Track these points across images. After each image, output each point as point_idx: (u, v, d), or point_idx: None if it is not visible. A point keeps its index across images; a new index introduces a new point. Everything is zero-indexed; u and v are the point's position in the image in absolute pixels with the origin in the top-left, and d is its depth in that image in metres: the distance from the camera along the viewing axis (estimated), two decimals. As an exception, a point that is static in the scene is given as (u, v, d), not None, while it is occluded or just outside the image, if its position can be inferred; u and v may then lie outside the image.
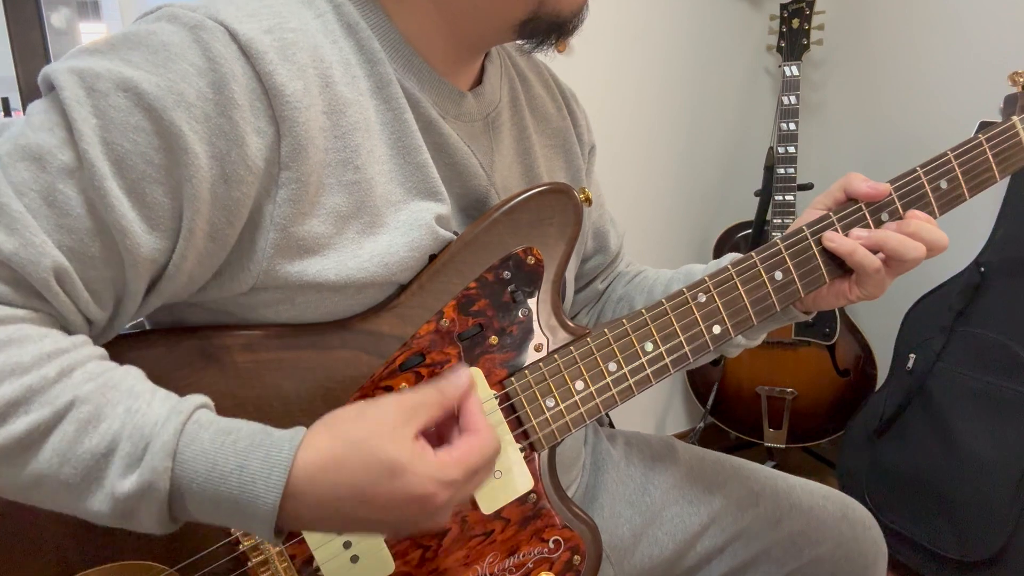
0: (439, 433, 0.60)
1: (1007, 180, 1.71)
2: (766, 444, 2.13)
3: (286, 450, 0.54)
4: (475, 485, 0.59)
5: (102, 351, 0.59)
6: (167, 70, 0.57)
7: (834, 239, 0.79)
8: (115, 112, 0.56)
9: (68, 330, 0.59)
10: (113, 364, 0.58)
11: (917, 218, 0.79)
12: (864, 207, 0.80)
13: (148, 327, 0.72)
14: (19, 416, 0.52)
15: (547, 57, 0.88)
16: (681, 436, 2.40)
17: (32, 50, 1.59)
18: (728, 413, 2.18)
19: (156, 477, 0.53)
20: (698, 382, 2.23)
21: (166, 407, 0.55)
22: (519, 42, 0.75)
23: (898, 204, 0.81)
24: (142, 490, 0.53)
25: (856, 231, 0.79)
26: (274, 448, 0.54)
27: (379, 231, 0.67)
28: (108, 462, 0.53)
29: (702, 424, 2.18)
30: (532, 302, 0.74)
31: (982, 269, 1.69)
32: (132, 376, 0.57)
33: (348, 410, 0.58)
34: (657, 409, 2.40)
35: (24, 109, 1.62)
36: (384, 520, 0.56)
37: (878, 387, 1.89)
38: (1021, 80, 0.87)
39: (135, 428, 0.53)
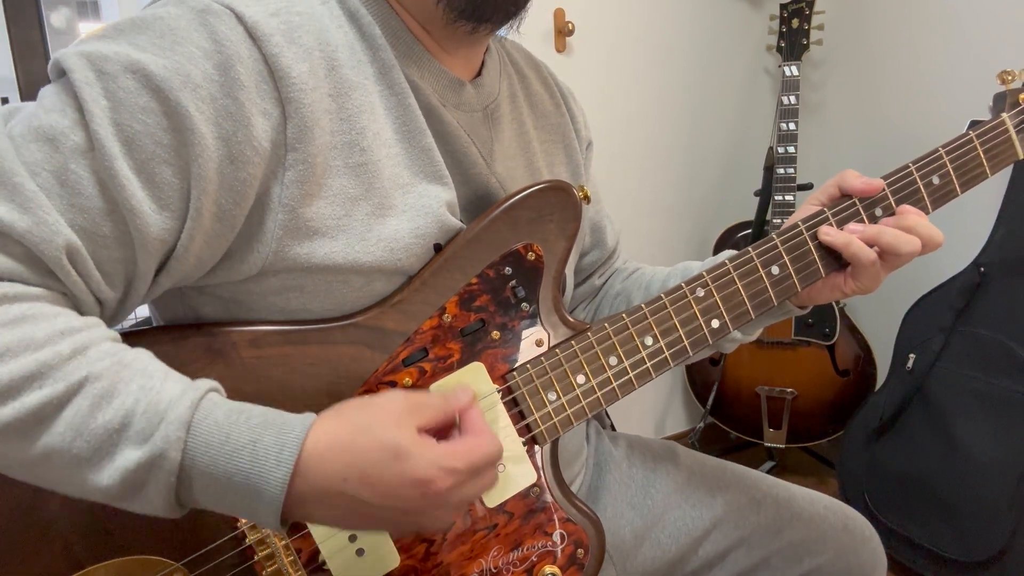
0: (440, 437, 0.61)
1: (1007, 181, 1.72)
2: (766, 444, 2.13)
3: (298, 429, 0.55)
4: (478, 487, 0.59)
5: (114, 333, 0.60)
6: (174, 52, 0.58)
7: (830, 233, 0.79)
8: (124, 94, 0.57)
9: (80, 311, 0.60)
10: (125, 345, 0.58)
11: (911, 213, 0.80)
12: (858, 202, 0.81)
13: (160, 319, 0.73)
14: (33, 390, 0.53)
15: (547, 57, 0.88)
16: (681, 436, 2.41)
17: (32, 50, 1.59)
18: (728, 413, 2.19)
19: (168, 446, 0.53)
20: (698, 382, 2.23)
21: (180, 386, 0.56)
22: (449, 19, 0.71)
23: (891, 200, 0.82)
24: (153, 459, 0.53)
25: (851, 225, 0.80)
26: (286, 426, 0.55)
27: (387, 214, 0.67)
28: (121, 437, 0.54)
29: (702, 424, 2.19)
30: (533, 298, 0.74)
31: (982, 269, 1.69)
32: (145, 356, 0.58)
33: (353, 400, 0.59)
34: (657, 409, 2.41)
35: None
36: (386, 507, 0.56)
37: (878, 387, 1.89)
38: (1010, 79, 0.88)
39: (149, 404, 0.54)
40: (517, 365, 0.74)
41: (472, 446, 0.58)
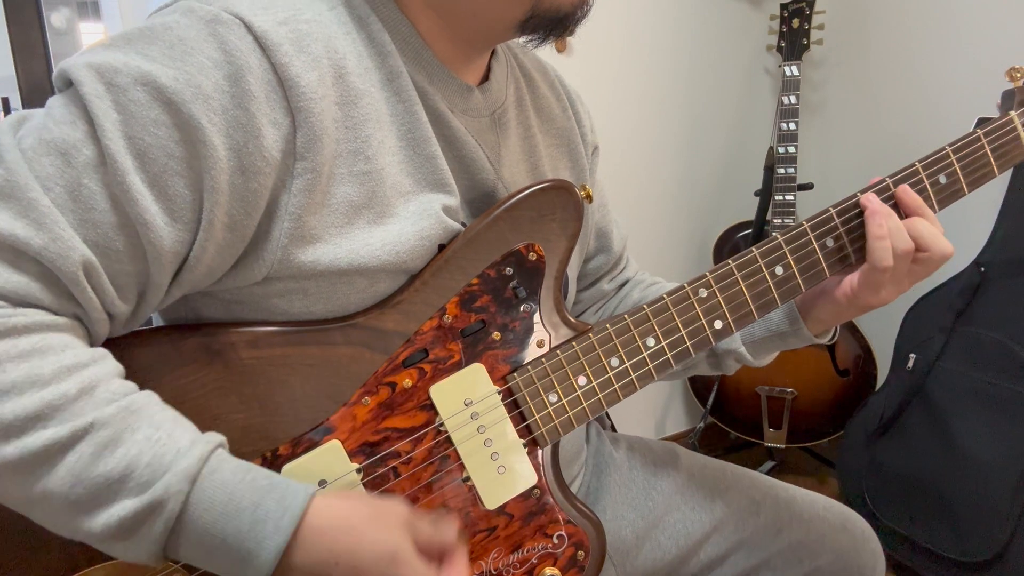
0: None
1: (1007, 181, 1.72)
2: (766, 444, 2.13)
3: (302, 496, 0.55)
4: None
5: (121, 368, 0.59)
6: (184, 63, 0.57)
7: (872, 198, 0.79)
8: (135, 107, 0.56)
9: (91, 329, 0.60)
10: (133, 386, 0.58)
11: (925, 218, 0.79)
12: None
13: (161, 321, 0.73)
14: (37, 431, 0.52)
15: (546, 57, 0.88)
16: (681, 436, 2.41)
17: (32, 50, 1.59)
18: (728, 413, 2.19)
19: (168, 497, 0.53)
20: (698, 382, 2.23)
21: (188, 436, 0.56)
22: (524, 39, 0.75)
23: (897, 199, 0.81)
24: (152, 506, 0.53)
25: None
26: (290, 492, 0.55)
27: (389, 221, 0.67)
28: (122, 487, 0.53)
29: (702, 424, 2.18)
30: (534, 298, 0.74)
31: (982, 269, 1.69)
32: (154, 403, 0.58)
33: (359, 491, 0.61)
34: (657, 409, 2.41)
35: (24, 109, 1.62)
36: None
37: (878, 387, 1.89)
38: (1018, 76, 0.87)
39: (155, 457, 0.54)
40: (518, 366, 0.73)
41: None
